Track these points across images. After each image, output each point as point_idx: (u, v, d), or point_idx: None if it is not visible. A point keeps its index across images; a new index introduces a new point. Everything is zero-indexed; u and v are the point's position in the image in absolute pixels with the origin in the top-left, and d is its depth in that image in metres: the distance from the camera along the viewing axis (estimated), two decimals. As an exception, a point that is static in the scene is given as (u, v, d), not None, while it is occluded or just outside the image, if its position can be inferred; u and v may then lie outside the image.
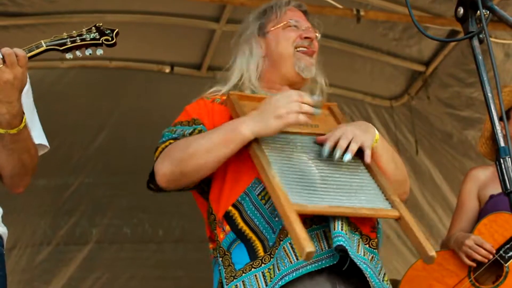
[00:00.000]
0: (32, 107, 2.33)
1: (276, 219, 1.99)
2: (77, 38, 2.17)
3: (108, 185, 5.52)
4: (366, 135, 2.08)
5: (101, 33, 2.21)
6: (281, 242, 1.96)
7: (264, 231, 2.01)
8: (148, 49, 4.99)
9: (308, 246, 1.75)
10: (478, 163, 5.12)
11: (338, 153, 2.01)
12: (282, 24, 2.37)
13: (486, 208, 3.24)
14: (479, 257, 3.03)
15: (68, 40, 2.16)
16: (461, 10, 1.69)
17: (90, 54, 2.20)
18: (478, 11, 1.63)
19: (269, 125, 1.99)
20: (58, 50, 2.13)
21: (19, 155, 2.14)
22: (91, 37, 2.19)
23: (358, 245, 2.03)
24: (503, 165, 1.52)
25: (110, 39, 2.21)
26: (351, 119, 5.28)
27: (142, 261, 5.70)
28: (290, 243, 1.94)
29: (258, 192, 2.05)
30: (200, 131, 2.15)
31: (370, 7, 4.52)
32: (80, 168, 5.41)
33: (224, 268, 2.04)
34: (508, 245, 3.04)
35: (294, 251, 1.93)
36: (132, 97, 5.18)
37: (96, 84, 5.03)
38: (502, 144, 1.53)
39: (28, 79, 2.13)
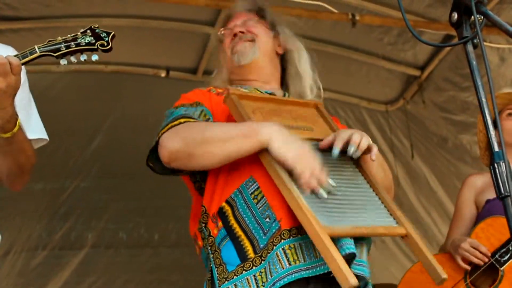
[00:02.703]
0: (28, 100, 2.30)
1: (267, 220, 1.98)
2: (72, 43, 2.11)
3: (103, 189, 5.51)
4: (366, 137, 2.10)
5: (97, 37, 2.16)
6: (274, 247, 1.94)
7: (253, 230, 2.00)
8: (144, 53, 4.99)
9: (352, 278, 1.75)
10: (473, 167, 5.14)
11: (353, 149, 2.00)
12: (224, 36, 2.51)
13: (483, 212, 3.27)
14: (475, 260, 3.05)
15: (62, 45, 2.10)
16: (455, 15, 1.69)
17: (85, 60, 2.15)
18: (472, 16, 1.64)
19: (282, 150, 1.94)
20: (52, 56, 2.10)
21: (14, 156, 2.12)
22: (86, 41, 2.14)
23: (362, 250, 2.04)
24: (497, 170, 1.52)
25: (105, 44, 2.16)
26: (347, 123, 5.29)
27: (138, 265, 5.69)
28: (283, 249, 1.93)
29: (252, 191, 2.04)
30: (205, 115, 2.17)
31: (365, 12, 4.53)
32: (76, 172, 5.40)
33: (215, 267, 2.03)
34: (503, 249, 3.05)
35: (286, 257, 1.92)
36: (128, 101, 5.17)
37: (91, 88, 5.03)
38: (496, 149, 1.54)
39: (24, 71, 2.10)
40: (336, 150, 2.01)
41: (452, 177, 5.32)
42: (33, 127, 2.26)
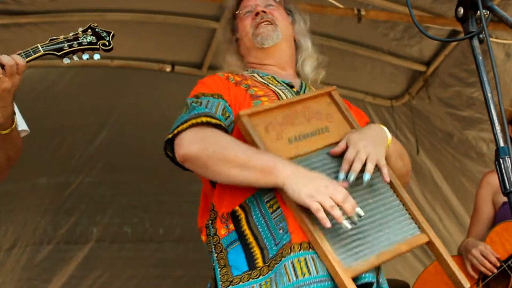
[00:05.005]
0: None
1: (280, 231, 1.97)
2: (74, 42, 2.13)
3: (108, 184, 5.51)
4: (380, 147, 2.07)
5: (98, 36, 2.16)
6: (283, 259, 1.92)
7: (265, 239, 1.99)
8: (149, 48, 4.99)
9: None
10: (478, 163, 5.14)
11: (352, 177, 1.98)
12: (239, 19, 2.45)
13: (499, 215, 3.25)
14: (482, 269, 3.03)
15: (65, 44, 2.12)
16: (461, 10, 1.69)
17: (87, 59, 2.17)
18: (478, 11, 1.63)
19: (298, 192, 1.91)
20: (55, 55, 2.11)
21: (6, 151, 2.14)
22: (88, 40, 2.15)
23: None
24: (502, 165, 1.52)
25: (107, 43, 2.17)
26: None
27: (142, 260, 5.70)
28: (291, 262, 1.91)
29: (267, 199, 2.02)
30: (226, 112, 2.13)
31: (371, 7, 4.52)
32: (81, 167, 5.41)
33: (219, 268, 2.03)
34: None
35: (294, 270, 1.90)
36: (133, 96, 5.18)
37: (97, 83, 5.03)
38: (501, 144, 1.53)
39: None
40: (341, 176, 2.00)
41: (457, 173, 5.31)
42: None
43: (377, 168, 2.06)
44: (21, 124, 2.28)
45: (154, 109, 5.07)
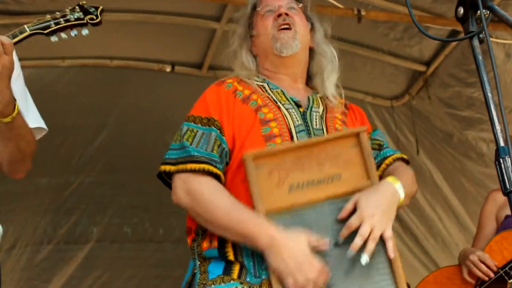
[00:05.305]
0: (23, 91, 2.26)
1: (263, 269, 2.03)
2: (61, 19, 2.12)
3: (108, 184, 5.52)
4: (388, 216, 2.06)
5: (85, 11, 2.16)
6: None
7: (246, 262, 2.06)
8: (149, 48, 4.98)
9: None
10: (478, 163, 5.14)
11: (350, 254, 1.99)
12: (259, 16, 2.39)
13: (501, 227, 3.28)
14: (479, 274, 3.06)
15: (52, 22, 2.10)
16: (461, 10, 1.69)
17: (75, 35, 2.14)
18: (478, 11, 1.64)
19: (276, 266, 1.98)
20: (42, 33, 2.09)
21: (16, 142, 2.09)
22: (76, 17, 2.14)
23: None
24: (502, 165, 1.52)
25: (94, 17, 2.16)
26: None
27: (142, 260, 5.70)
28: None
29: None
30: (217, 140, 2.13)
31: (371, 7, 4.52)
32: (81, 167, 5.41)
33: (200, 274, 2.11)
34: None
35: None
36: (133, 96, 5.18)
37: (96, 83, 5.03)
38: (501, 144, 1.53)
39: (18, 62, 2.08)
40: (351, 253, 1.99)
41: (457, 173, 5.31)
42: (31, 117, 2.23)
43: (380, 239, 2.04)
44: (36, 122, 2.25)
45: (154, 109, 5.07)
